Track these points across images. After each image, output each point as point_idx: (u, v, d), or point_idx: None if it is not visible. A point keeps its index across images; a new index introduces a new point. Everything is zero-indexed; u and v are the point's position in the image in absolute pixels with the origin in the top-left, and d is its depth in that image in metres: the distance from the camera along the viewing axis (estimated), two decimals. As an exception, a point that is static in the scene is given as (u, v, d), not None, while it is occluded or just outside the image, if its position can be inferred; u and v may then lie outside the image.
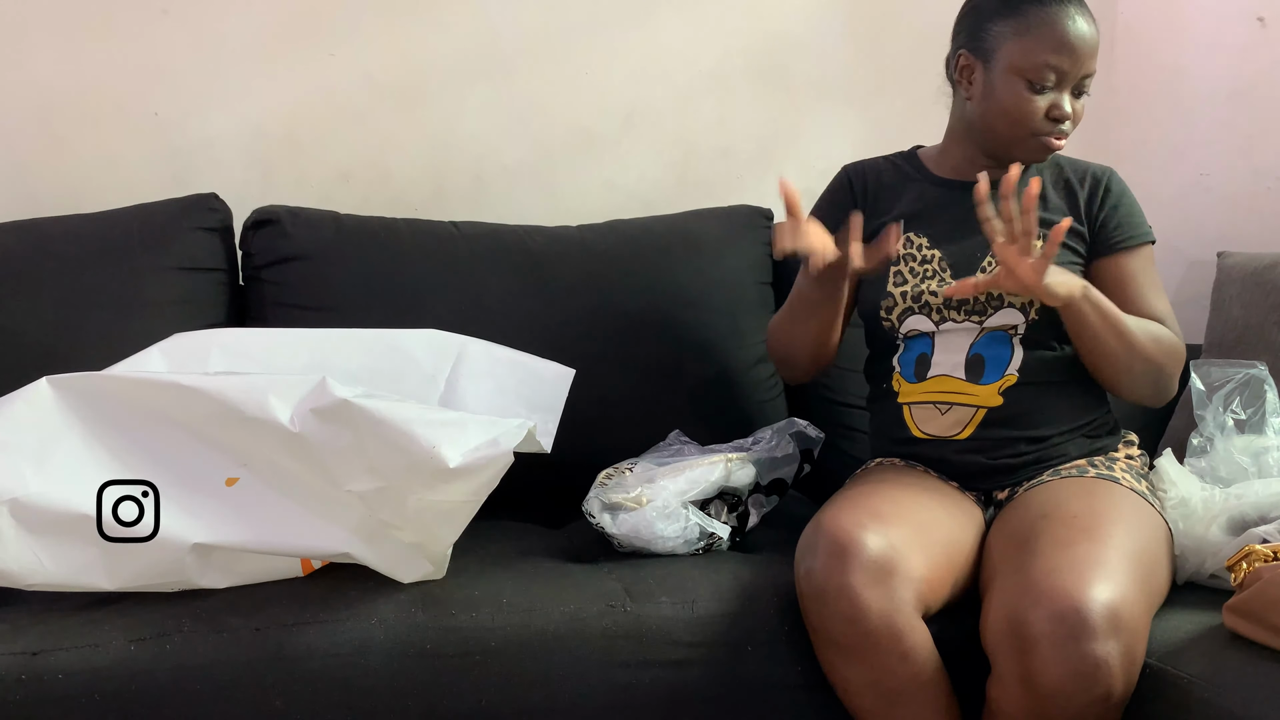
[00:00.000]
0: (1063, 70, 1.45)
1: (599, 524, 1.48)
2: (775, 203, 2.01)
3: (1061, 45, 1.44)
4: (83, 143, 1.96)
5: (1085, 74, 1.47)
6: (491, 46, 2.08)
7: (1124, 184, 1.57)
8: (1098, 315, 1.42)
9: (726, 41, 2.16)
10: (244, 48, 1.99)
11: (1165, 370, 1.48)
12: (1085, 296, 1.40)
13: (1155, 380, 1.48)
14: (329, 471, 1.28)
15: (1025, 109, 1.46)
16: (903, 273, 1.55)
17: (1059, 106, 1.46)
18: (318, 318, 1.70)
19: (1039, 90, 1.45)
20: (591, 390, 1.60)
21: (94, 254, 1.73)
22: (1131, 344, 1.43)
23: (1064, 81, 1.46)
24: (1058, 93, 1.46)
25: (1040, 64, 1.44)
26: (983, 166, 1.52)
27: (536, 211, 2.02)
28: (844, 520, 1.31)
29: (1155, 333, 1.47)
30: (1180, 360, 1.50)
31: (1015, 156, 1.48)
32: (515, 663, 1.29)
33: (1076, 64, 1.45)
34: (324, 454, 1.27)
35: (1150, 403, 1.52)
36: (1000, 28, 1.48)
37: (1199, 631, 1.28)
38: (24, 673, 1.20)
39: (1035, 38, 1.45)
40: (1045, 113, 1.46)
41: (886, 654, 1.26)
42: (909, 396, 1.54)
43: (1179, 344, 1.50)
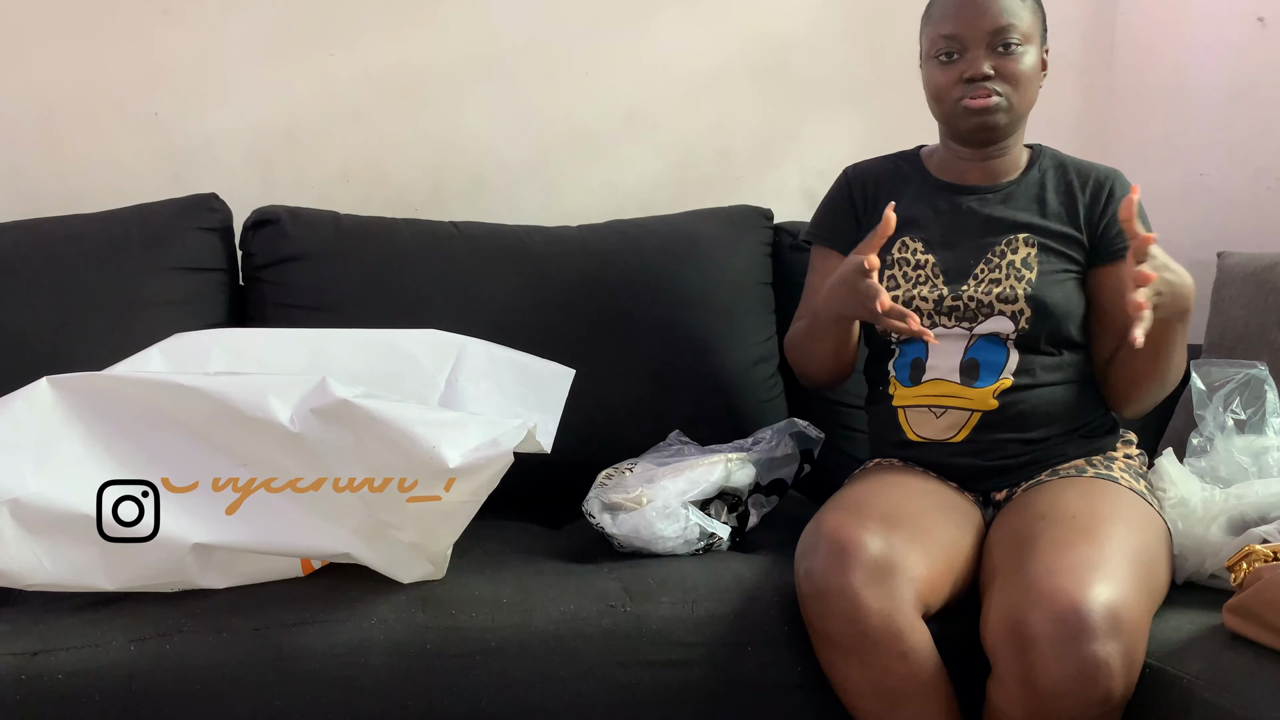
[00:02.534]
0: (959, 35, 1.48)
1: (599, 524, 1.48)
2: (775, 203, 2.02)
3: (948, 14, 1.50)
4: (83, 143, 1.96)
5: (991, 30, 1.47)
6: (492, 47, 2.08)
7: (1129, 187, 1.56)
8: (1181, 336, 1.42)
9: (726, 42, 2.16)
10: (244, 48, 1.99)
11: (1171, 386, 1.49)
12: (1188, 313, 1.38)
13: (1158, 401, 1.51)
14: (329, 471, 1.28)
15: (940, 81, 1.51)
16: (896, 277, 1.55)
17: (970, 68, 1.48)
18: (318, 318, 1.70)
19: (947, 62, 1.50)
20: (591, 390, 1.60)
21: (94, 254, 1.73)
22: (1167, 379, 1.46)
23: (969, 45, 1.48)
24: (966, 58, 1.49)
25: (937, 38, 1.51)
26: (962, 159, 1.57)
27: (536, 211, 2.02)
28: (844, 521, 1.32)
29: (1181, 359, 1.47)
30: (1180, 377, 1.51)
31: (959, 133, 1.54)
32: (515, 663, 1.29)
33: (972, 25, 1.48)
34: (324, 454, 1.27)
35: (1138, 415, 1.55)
36: (921, 27, 1.56)
37: (1199, 631, 1.28)
38: (24, 673, 1.20)
39: (934, 19, 1.53)
40: (958, 78, 1.49)
41: (886, 654, 1.26)
42: (904, 400, 1.54)
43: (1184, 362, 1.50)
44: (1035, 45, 1.51)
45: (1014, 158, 1.58)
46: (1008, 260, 1.52)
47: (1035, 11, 1.52)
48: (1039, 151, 1.60)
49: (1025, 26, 1.49)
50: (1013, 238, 1.53)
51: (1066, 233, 1.53)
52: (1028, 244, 1.52)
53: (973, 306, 1.50)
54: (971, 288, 1.51)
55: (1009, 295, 1.49)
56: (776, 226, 1.98)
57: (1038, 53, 1.52)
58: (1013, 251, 1.52)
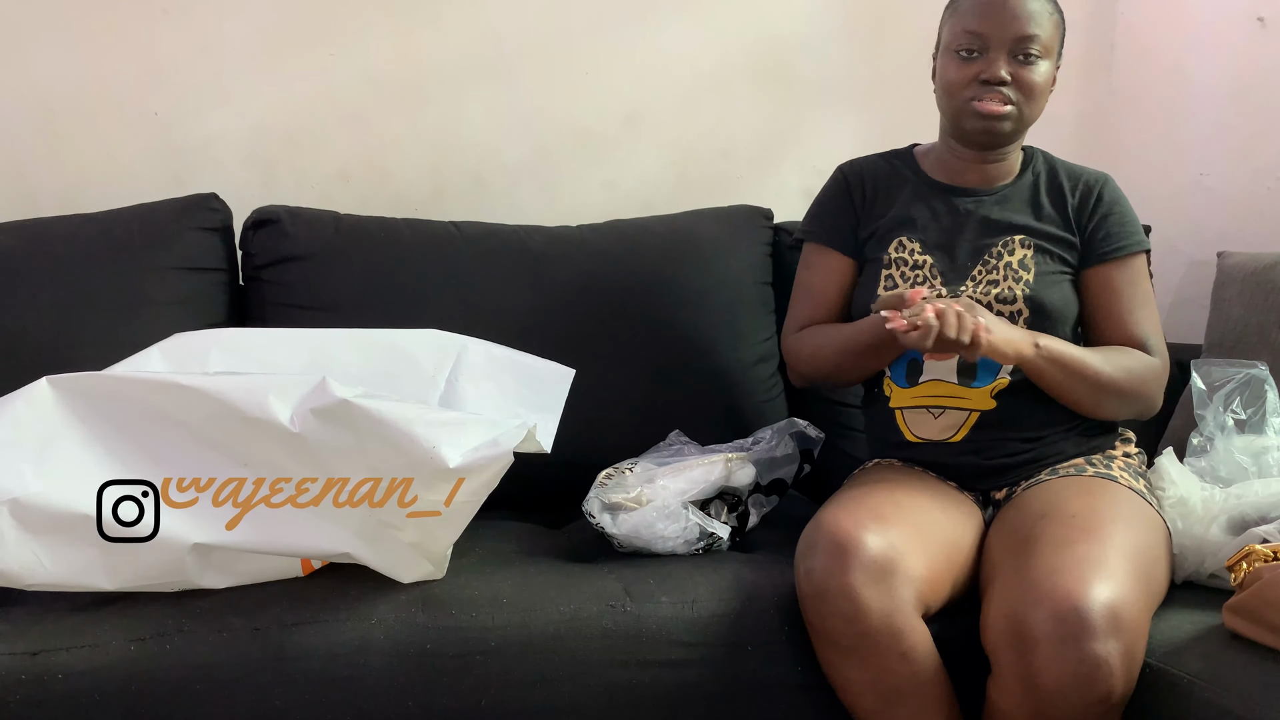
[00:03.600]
0: (984, 34, 1.47)
1: (599, 524, 1.48)
2: (775, 202, 2.01)
3: (979, 11, 1.48)
4: (83, 143, 1.96)
5: (1016, 36, 1.47)
6: (492, 47, 2.08)
7: (1118, 192, 1.57)
8: (1055, 367, 1.43)
9: (727, 42, 2.16)
10: (244, 48, 1.99)
11: (1141, 395, 1.49)
12: (1038, 353, 1.43)
13: (1131, 405, 1.51)
14: (329, 471, 1.28)
15: (954, 77, 1.50)
16: (894, 277, 1.56)
17: (988, 69, 1.48)
18: (318, 318, 1.70)
19: (967, 58, 1.49)
20: (591, 390, 1.60)
21: (94, 254, 1.73)
22: (1099, 383, 1.45)
23: (991, 46, 1.48)
24: (987, 58, 1.48)
25: (961, 32, 1.49)
26: (961, 159, 1.57)
27: (536, 211, 2.02)
28: (844, 520, 1.32)
29: (1126, 364, 1.47)
30: (1161, 380, 1.51)
31: (964, 132, 1.53)
32: (515, 663, 1.29)
33: (999, 27, 1.47)
34: (324, 454, 1.27)
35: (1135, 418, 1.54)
36: (945, 17, 1.55)
37: (1199, 631, 1.28)
38: (24, 673, 1.20)
39: (961, 12, 1.51)
40: (974, 77, 1.49)
41: (886, 654, 1.26)
42: (901, 401, 1.54)
43: (1156, 366, 1.50)
44: (1052, 59, 1.51)
45: (1010, 162, 1.58)
46: (1005, 261, 1.52)
47: (1058, 26, 1.52)
48: (1032, 154, 1.60)
49: (1047, 39, 1.49)
50: (1009, 239, 1.53)
51: (1060, 235, 1.53)
52: (1024, 245, 1.52)
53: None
54: (970, 289, 1.51)
55: (1007, 296, 1.49)
56: (776, 226, 1.98)
57: (1052, 67, 1.52)
58: (1010, 253, 1.52)
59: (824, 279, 1.63)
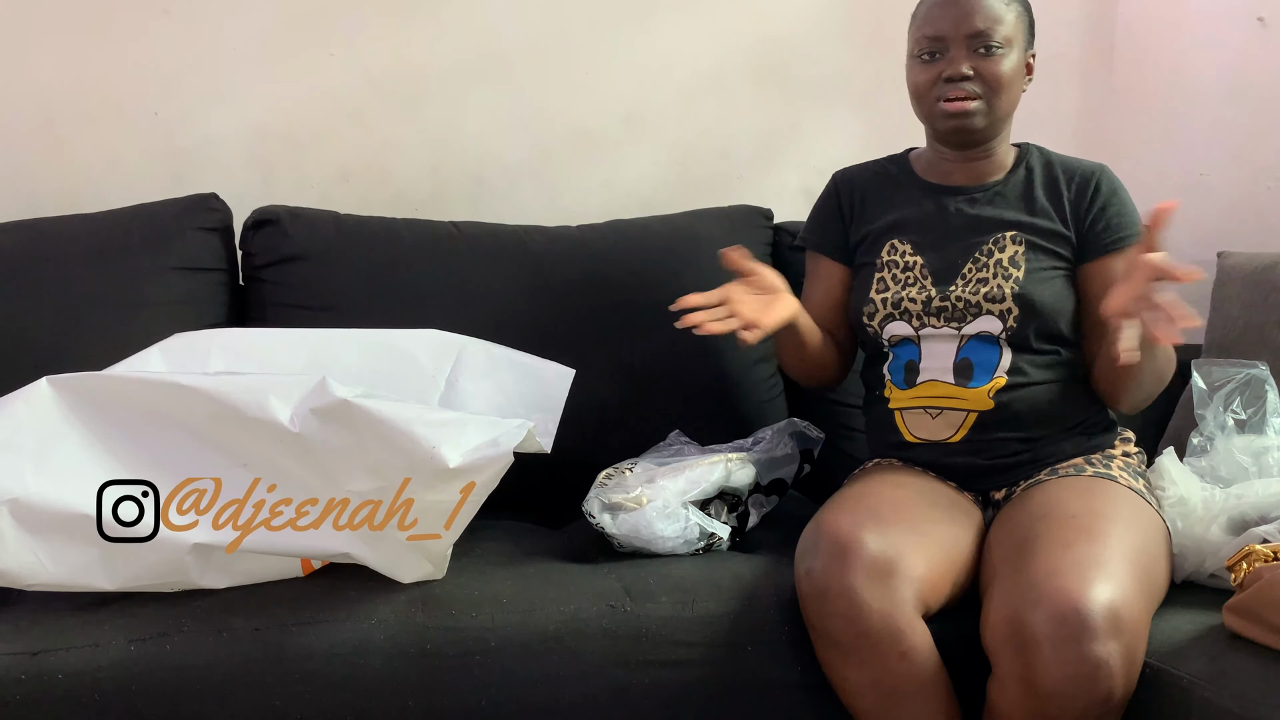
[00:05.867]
0: (942, 35, 1.50)
1: (599, 524, 1.48)
2: (775, 202, 2.02)
3: (932, 15, 1.51)
4: (83, 143, 1.96)
5: (970, 32, 1.48)
6: (491, 47, 2.08)
7: (1115, 182, 1.56)
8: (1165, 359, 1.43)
9: (726, 42, 2.16)
10: (244, 48, 1.99)
11: (1165, 385, 1.49)
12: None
13: (1153, 395, 1.50)
14: (329, 471, 1.28)
15: (919, 80, 1.53)
16: (885, 279, 1.56)
17: (949, 67, 1.50)
18: (318, 318, 1.70)
19: (929, 61, 1.51)
20: (592, 390, 1.60)
21: (94, 254, 1.73)
22: (1160, 373, 1.45)
23: (950, 45, 1.49)
24: (947, 58, 1.50)
25: (920, 37, 1.52)
26: (947, 160, 1.58)
27: (536, 211, 2.02)
28: (844, 520, 1.32)
29: (1169, 353, 1.47)
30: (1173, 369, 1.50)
31: (939, 134, 1.55)
32: (515, 663, 1.29)
33: (953, 25, 1.49)
34: (324, 454, 1.27)
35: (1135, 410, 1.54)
36: (909, 28, 1.57)
37: (1199, 631, 1.28)
38: (24, 673, 1.20)
39: (919, 19, 1.54)
40: (937, 77, 1.51)
41: (886, 654, 1.26)
42: (899, 402, 1.55)
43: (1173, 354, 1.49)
44: (1018, 49, 1.51)
45: (1000, 158, 1.58)
46: (995, 259, 1.52)
47: (1021, 16, 1.52)
48: (1026, 150, 1.60)
49: (1008, 30, 1.49)
50: (1000, 236, 1.53)
51: (1054, 230, 1.53)
52: (1015, 242, 1.52)
53: (960, 307, 1.51)
54: (959, 288, 1.51)
55: (996, 294, 1.49)
56: (776, 226, 1.98)
57: (1021, 56, 1.52)
58: (1000, 250, 1.52)
59: (819, 286, 1.66)
